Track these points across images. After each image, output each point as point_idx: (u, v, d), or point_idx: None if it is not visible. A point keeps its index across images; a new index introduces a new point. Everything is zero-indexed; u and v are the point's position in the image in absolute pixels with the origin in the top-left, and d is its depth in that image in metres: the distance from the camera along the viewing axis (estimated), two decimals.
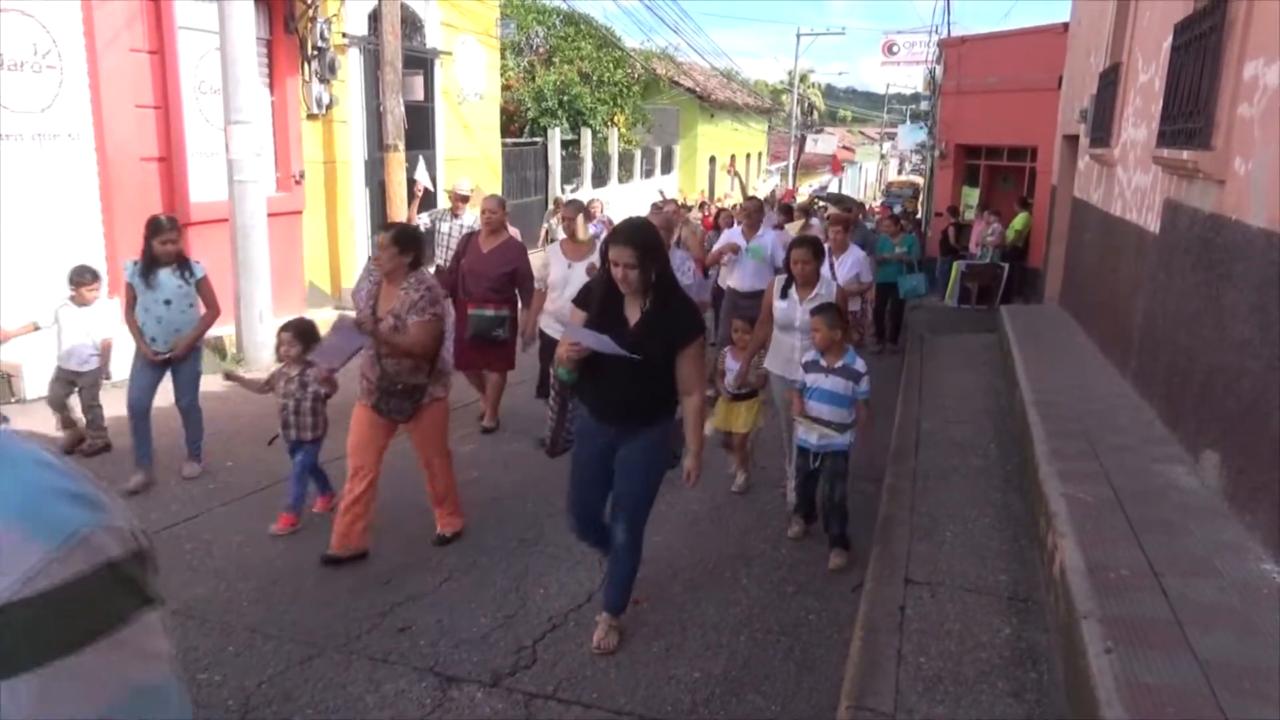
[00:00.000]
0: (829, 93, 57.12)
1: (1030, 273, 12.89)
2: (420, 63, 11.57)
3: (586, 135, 18.67)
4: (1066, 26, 11.69)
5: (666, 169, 24.94)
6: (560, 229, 7.00)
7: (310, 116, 9.44)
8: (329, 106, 9.53)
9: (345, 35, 9.82)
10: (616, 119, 20.46)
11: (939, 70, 18.67)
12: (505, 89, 16.67)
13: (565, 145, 17.87)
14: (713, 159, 28.52)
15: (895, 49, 28.24)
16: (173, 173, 7.82)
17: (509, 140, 15.71)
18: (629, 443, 3.28)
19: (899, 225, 10.30)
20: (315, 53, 9.22)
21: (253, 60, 7.87)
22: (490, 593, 3.88)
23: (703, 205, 19.99)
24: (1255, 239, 3.57)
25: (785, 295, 4.65)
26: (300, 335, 4.50)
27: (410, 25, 11.10)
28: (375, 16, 9.89)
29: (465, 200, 7.51)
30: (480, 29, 13.04)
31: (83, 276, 5.29)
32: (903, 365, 8.06)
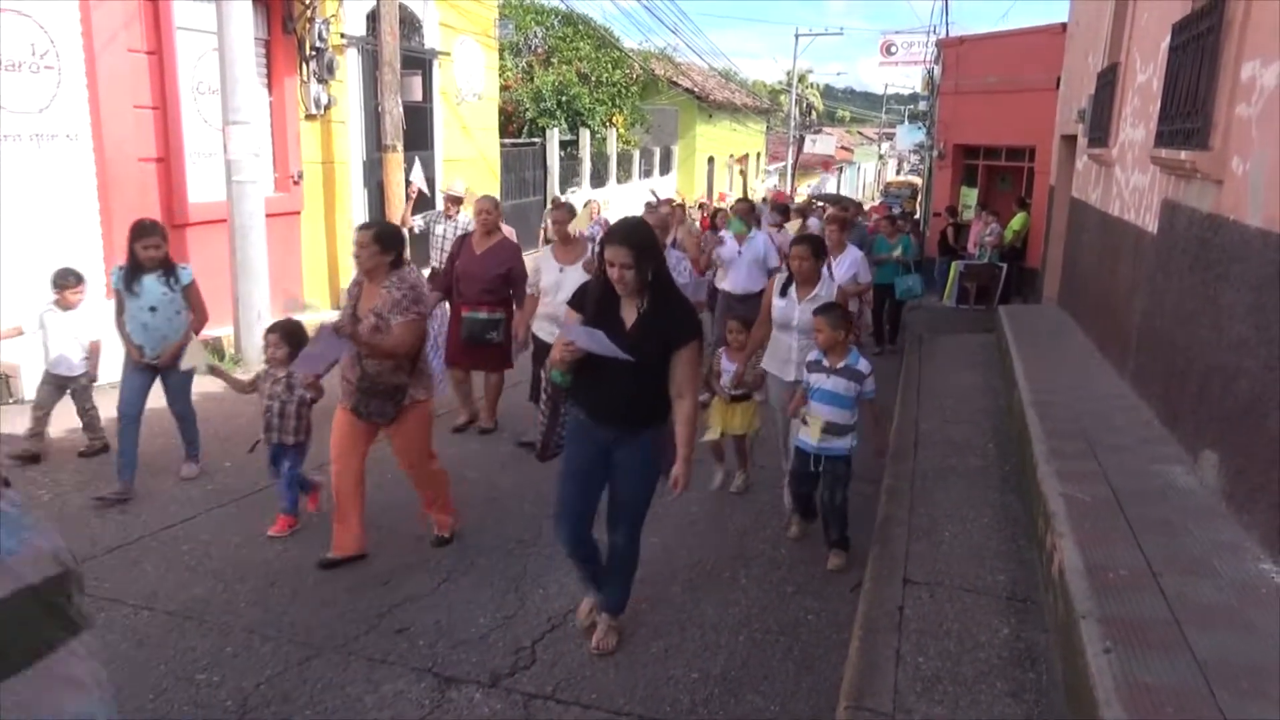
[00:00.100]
0: (827, 93, 57.14)
1: (1028, 273, 12.91)
2: (419, 63, 11.57)
3: (585, 136, 18.68)
4: (1065, 27, 11.70)
5: (665, 169, 24.93)
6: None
7: (308, 117, 9.44)
8: (327, 107, 9.52)
9: (343, 36, 9.82)
10: (615, 119, 20.47)
11: (937, 70, 18.69)
12: (504, 89, 16.68)
13: (564, 146, 17.88)
14: (711, 159, 28.52)
15: (893, 49, 28.28)
16: (171, 173, 7.81)
17: (507, 141, 15.71)
18: (626, 445, 3.24)
19: (895, 226, 10.30)
20: (313, 53, 9.22)
21: (251, 61, 7.87)
22: (489, 593, 3.88)
23: (702, 206, 19.98)
24: (1253, 239, 3.58)
25: (785, 293, 4.62)
26: (287, 336, 4.45)
27: (409, 26, 11.10)
28: (373, 17, 9.90)
29: (459, 202, 7.47)
30: (479, 29, 13.04)
31: (65, 280, 5.17)
32: (901, 365, 8.07)
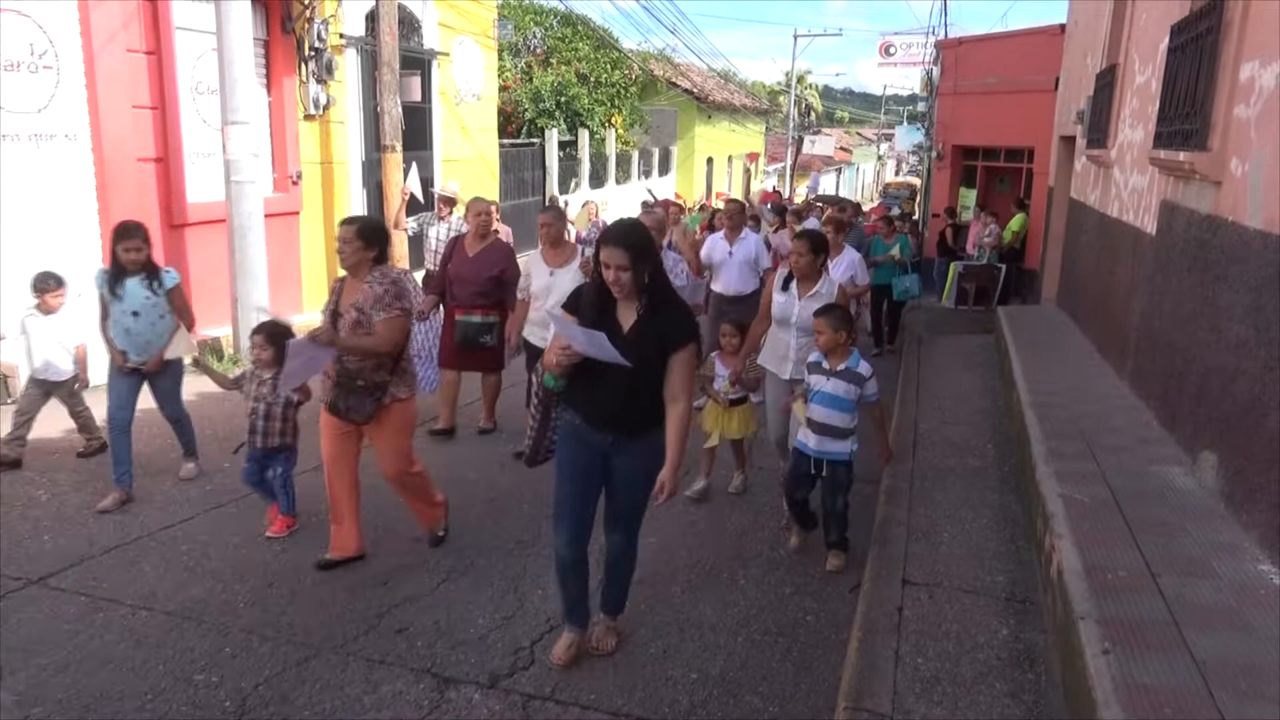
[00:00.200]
0: (826, 94, 57.22)
1: (1027, 274, 12.91)
2: (418, 63, 11.57)
3: (584, 136, 18.68)
4: (1063, 28, 11.71)
5: (664, 170, 24.94)
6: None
7: (307, 117, 9.44)
8: (326, 107, 9.52)
9: (342, 36, 9.82)
10: (614, 120, 20.48)
11: (936, 71, 18.68)
12: (503, 90, 16.69)
13: (563, 146, 17.88)
14: (710, 160, 28.53)
15: (892, 50, 28.29)
16: (169, 173, 7.81)
17: (506, 141, 15.71)
18: (625, 450, 3.17)
19: (892, 226, 10.30)
20: (312, 53, 9.22)
21: (250, 61, 7.87)
22: (488, 594, 3.88)
23: (702, 208, 19.97)
24: (1251, 240, 3.58)
25: (785, 288, 4.58)
26: (272, 338, 4.38)
27: (408, 26, 11.10)
28: (372, 17, 9.90)
29: (451, 203, 7.43)
30: (478, 30, 13.04)
31: (45, 284, 5.09)
32: (900, 366, 8.07)
